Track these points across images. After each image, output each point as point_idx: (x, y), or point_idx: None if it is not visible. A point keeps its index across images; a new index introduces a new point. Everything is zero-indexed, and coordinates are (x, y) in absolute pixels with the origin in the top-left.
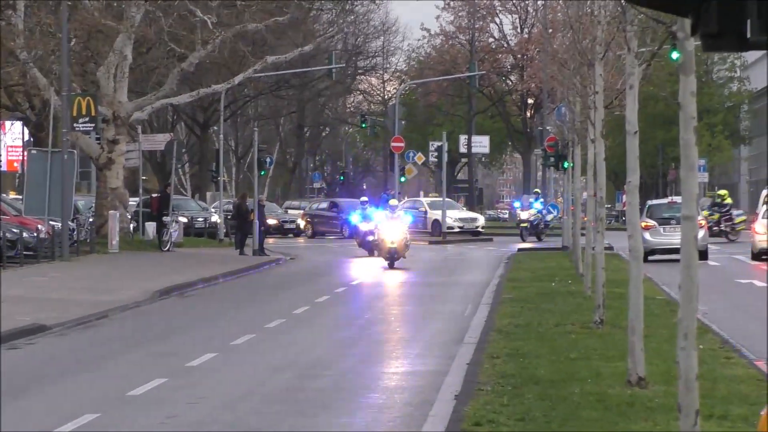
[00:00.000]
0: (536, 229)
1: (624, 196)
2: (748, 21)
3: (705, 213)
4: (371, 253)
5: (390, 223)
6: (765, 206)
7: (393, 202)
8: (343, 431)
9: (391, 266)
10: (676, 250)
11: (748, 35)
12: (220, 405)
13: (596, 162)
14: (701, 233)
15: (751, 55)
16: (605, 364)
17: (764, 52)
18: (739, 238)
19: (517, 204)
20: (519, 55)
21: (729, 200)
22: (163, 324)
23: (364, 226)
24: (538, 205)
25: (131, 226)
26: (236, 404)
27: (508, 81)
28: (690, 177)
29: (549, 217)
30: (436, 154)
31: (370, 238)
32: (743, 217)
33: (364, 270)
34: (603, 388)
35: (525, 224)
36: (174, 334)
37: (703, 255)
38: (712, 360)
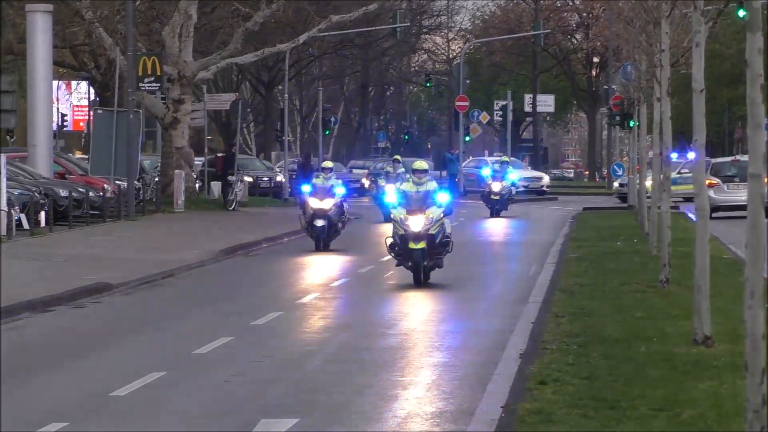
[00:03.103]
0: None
1: (690, 155)
2: None
3: None
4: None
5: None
6: None
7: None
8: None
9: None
10: (739, 207)
11: None
12: (285, 363)
13: (662, 121)
14: None
15: None
16: (671, 323)
17: None
18: None
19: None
20: (584, 14)
21: None
22: (228, 283)
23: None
24: (514, 176)
25: (196, 185)
26: (301, 363)
27: (573, 40)
28: (757, 135)
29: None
30: (500, 113)
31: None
32: None
33: None
34: (669, 347)
35: (496, 197)
36: (239, 293)
37: None
38: None
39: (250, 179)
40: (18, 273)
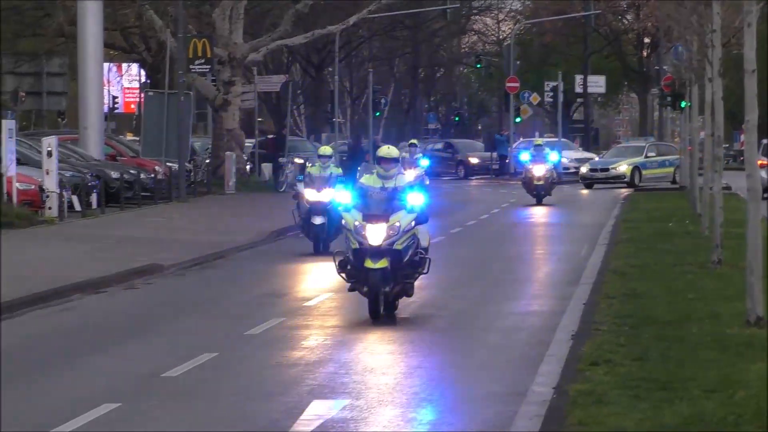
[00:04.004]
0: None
1: (742, 136)
2: None
3: None
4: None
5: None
6: None
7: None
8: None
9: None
10: None
11: None
12: (336, 344)
13: (714, 101)
14: None
15: None
16: (723, 304)
17: None
18: None
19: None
20: None
21: None
22: (279, 264)
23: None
24: (554, 156)
25: (247, 167)
26: (351, 343)
27: (624, 20)
28: None
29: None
30: (551, 94)
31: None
32: None
33: (483, 214)
34: (721, 328)
35: (540, 182)
36: (289, 275)
37: None
38: None
39: (301, 161)
40: (70, 254)
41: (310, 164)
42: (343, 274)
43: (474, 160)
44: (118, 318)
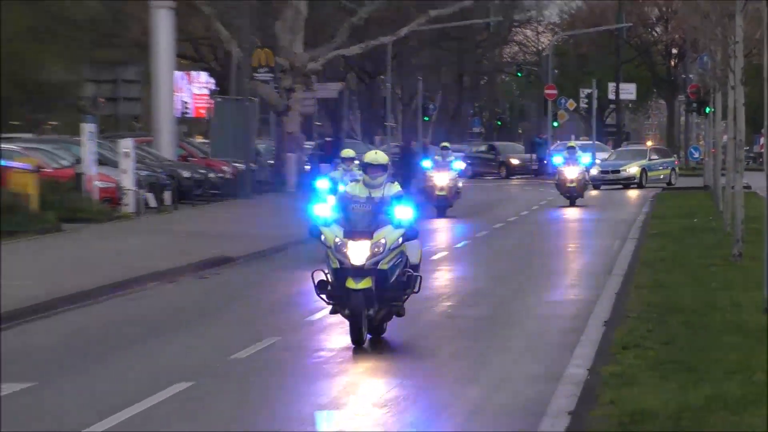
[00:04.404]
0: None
1: (762, 139)
2: None
3: None
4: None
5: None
6: None
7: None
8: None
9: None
10: None
11: None
12: (389, 329)
13: (736, 107)
14: None
15: None
16: (744, 294)
17: None
18: None
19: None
20: (664, 8)
21: None
22: None
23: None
24: (586, 159)
25: (307, 167)
26: (403, 328)
27: (653, 32)
28: None
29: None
30: (586, 100)
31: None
32: None
33: (523, 211)
34: (742, 316)
35: (572, 184)
36: None
37: None
38: None
39: (357, 161)
40: (145, 247)
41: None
42: (323, 295)
43: (515, 162)
44: (190, 305)
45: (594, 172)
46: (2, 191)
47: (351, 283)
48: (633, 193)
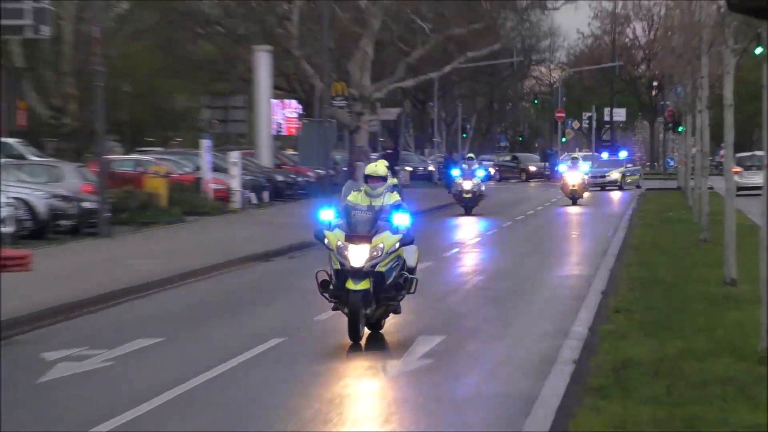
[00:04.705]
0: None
1: (721, 151)
2: None
3: None
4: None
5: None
6: None
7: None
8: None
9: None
10: (755, 188)
11: None
12: (434, 298)
13: (702, 127)
14: None
15: None
16: (708, 271)
17: None
18: None
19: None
20: (647, 51)
21: None
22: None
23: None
24: (585, 167)
25: None
26: (445, 297)
27: (639, 69)
28: None
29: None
30: (587, 121)
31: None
32: None
33: (537, 206)
34: (707, 287)
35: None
36: None
37: None
38: None
39: (410, 168)
40: (248, 234)
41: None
42: (326, 294)
43: (532, 168)
44: (282, 279)
45: (585, 177)
46: (140, 192)
47: (350, 284)
48: (617, 194)
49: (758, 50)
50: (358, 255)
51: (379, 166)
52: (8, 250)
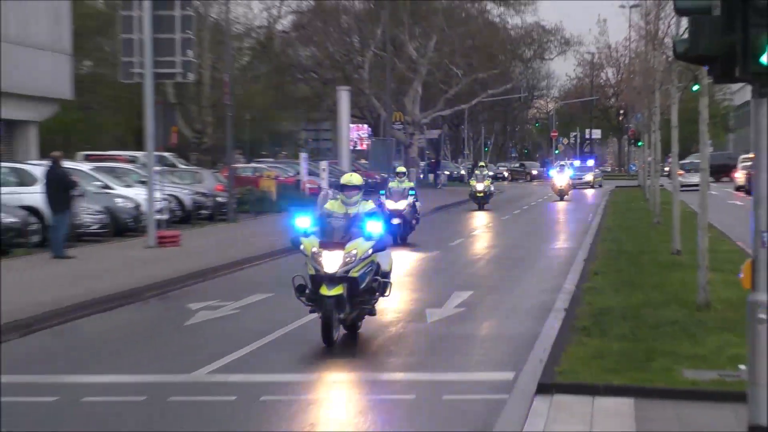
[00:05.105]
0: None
1: (669, 159)
2: (736, 68)
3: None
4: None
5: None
6: (741, 163)
7: (486, 167)
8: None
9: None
10: (693, 185)
11: (736, 75)
12: (464, 264)
13: (655, 142)
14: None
15: (736, 86)
16: (660, 244)
17: (744, 84)
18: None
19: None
20: (615, 88)
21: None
22: (438, 224)
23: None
24: (570, 172)
25: (420, 175)
26: (473, 263)
27: (609, 101)
28: (704, 149)
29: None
30: (573, 138)
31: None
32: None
33: (538, 199)
34: (658, 256)
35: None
36: (442, 229)
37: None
38: (714, 241)
39: (448, 173)
40: None
41: (391, 180)
42: (303, 298)
43: (534, 172)
44: None
45: (571, 180)
46: (257, 190)
47: (324, 290)
48: (591, 191)
49: (695, 87)
50: (331, 261)
51: (354, 177)
52: (164, 232)
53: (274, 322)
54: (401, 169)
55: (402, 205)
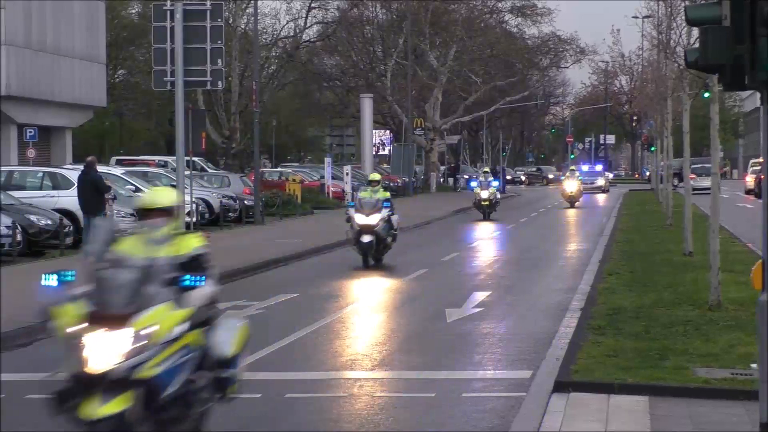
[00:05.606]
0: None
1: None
2: (746, 76)
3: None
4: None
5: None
6: (751, 168)
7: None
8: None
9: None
10: (705, 188)
11: (746, 83)
12: (483, 265)
13: (667, 147)
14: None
15: (746, 93)
16: (673, 245)
17: (754, 91)
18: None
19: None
20: (629, 95)
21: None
22: (454, 226)
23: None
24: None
25: (441, 179)
26: (491, 264)
27: (623, 108)
28: (715, 153)
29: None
30: (588, 143)
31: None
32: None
33: (552, 201)
34: (671, 256)
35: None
36: (458, 232)
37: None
38: (725, 242)
39: (467, 176)
40: None
41: (362, 189)
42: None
43: (551, 176)
44: (416, 240)
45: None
46: (283, 193)
47: (87, 409)
48: (614, 192)
49: (706, 95)
50: (105, 350)
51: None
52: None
53: (298, 321)
54: (375, 176)
55: (374, 219)
